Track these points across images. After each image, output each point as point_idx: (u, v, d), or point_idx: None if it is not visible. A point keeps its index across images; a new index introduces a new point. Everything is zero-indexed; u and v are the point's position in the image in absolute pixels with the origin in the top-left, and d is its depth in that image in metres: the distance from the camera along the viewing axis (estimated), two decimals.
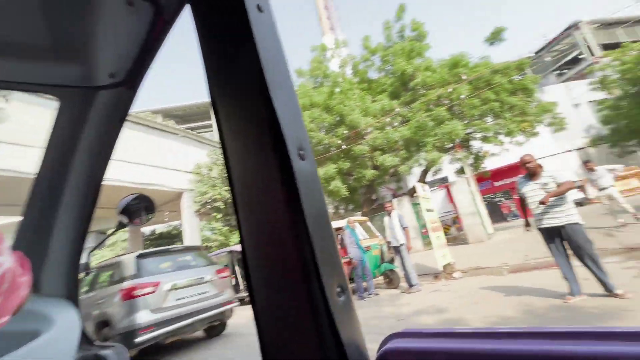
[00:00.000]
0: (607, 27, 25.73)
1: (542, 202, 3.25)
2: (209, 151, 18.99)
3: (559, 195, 3.27)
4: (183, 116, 33.13)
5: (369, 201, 14.22)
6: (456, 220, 18.12)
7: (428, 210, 7.00)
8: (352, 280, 7.12)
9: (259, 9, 0.47)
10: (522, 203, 3.66)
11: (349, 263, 6.23)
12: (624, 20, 24.07)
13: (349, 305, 0.40)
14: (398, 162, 10.94)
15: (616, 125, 18.54)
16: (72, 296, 1.05)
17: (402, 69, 11.60)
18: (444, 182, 17.44)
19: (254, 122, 0.43)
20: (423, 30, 12.40)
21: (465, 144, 12.09)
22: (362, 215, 12.61)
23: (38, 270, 0.97)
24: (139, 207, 1.15)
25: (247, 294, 0.47)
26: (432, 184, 16.88)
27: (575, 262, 3.34)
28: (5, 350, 0.74)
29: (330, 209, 21.85)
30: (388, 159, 10.65)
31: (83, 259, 1.08)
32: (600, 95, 20.12)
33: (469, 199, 10.38)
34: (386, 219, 6.21)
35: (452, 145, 11.84)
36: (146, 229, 26.55)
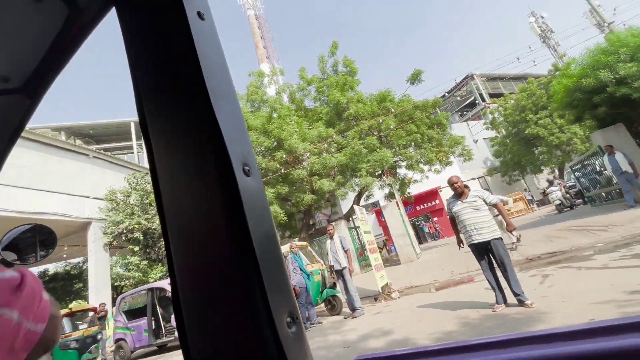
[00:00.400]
0: (492, 80, 32.12)
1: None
2: (127, 175, 16.75)
3: (503, 215, 3.83)
4: (94, 136, 29.03)
5: (306, 226, 14.14)
6: (386, 242, 19.28)
7: (366, 232, 7.23)
8: None
9: (200, 16, 0.44)
10: (453, 222, 4.01)
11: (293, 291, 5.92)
12: (503, 75, 30.35)
13: (300, 336, 0.36)
14: (335, 186, 11.26)
15: (504, 158, 22.77)
16: None
17: (336, 99, 12.33)
18: (374, 206, 18.57)
19: (193, 136, 0.39)
20: (354, 67, 13.54)
21: (393, 170, 13.17)
22: (300, 240, 12.43)
23: None
24: (33, 240, 0.94)
25: (171, 338, 0.34)
26: (364, 208, 17.82)
27: (499, 273, 3.75)
28: None
29: None
30: (326, 184, 10.88)
31: None
32: (492, 133, 24.65)
33: (400, 222, 11.14)
34: (328, 242, 6.18)
35: (381, 171, 12.78)
36: (35, 269, 21.49)
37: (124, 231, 15.04)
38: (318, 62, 13.94)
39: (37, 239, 0.96)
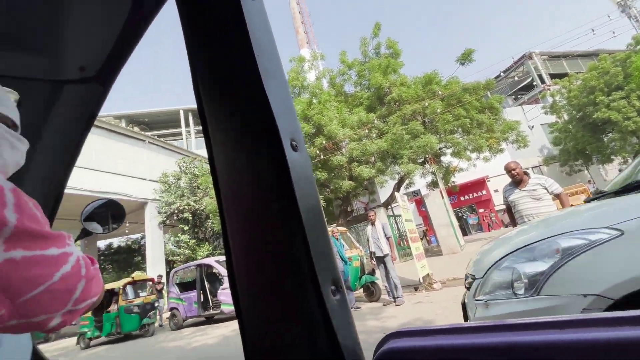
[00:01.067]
0: (554, 58, 28.72)
1: None
2: (178, 159, 18.00)
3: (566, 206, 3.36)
4: (149, 123, 31.44)
5: (344, 213, 14.15)
6: (426, 232, 18.65)
7: (407, 220, 7.02)
8: None
9: None
10: (510, 211, 3.71)
11: None
12: (568, 53, 27.00)
13: (344, 305, 0.38)
14: (374, 173, 11.04)
15: (565, 146, 20.47)
16: None
17: (378, 83, 11.91)
18: (415, 195, 17.97)
19: (245, 113, 0.42)
20: (397, 48, 12.91)
21: (437, 158, 12.54)
22: (338, 226, 12.50)
23: None
24: (107, 214, 1.05)
25: (217, 311, 0.39)
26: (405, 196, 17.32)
27: None
28: None
29: None
30: (365, 170, 10.71)
31: None
32: (551, 118, 22.21)
33: (443, 211, 10.66)
34: (369, 228, 6.10)
35: (424, 159, 12.24)
36: (101, 243, 24.34)
37: (175, 211, 16.30)
38: (360, 44, 13.52)
39: (109, 212, 1.07)
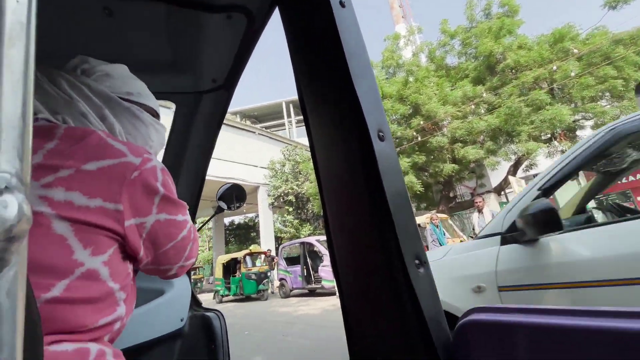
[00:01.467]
0: None
1: None
2: (282, 148, 19.96)
3: None
4: (258, 116, 35.55)
5: (446, 198, 13.10)
6: None
7: None
8: None
9: (342, 4, 0.50)
10: None
11: None
12: None
13: (428, 278, 0.41)
14: (483, 154, 9.77)
15: None
16: None
17: (488, 50, 10.29)
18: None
19: (338, 109, 0.47)
20: (514, 4, 10.78)
21: (570, 133, 10.15)
22: (438, 213, 11.68)
23: None
24: (232, 195, 1.28)
25: (318, 285, 0.77)
26: (523, 180, 14.72)
27: None
28: (140, 302, 0.96)
29: None
30: (471, 152, 9.59)
31: None
32: None
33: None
34: (475, 216, 5.53)
35: (551, 135, 10.08)
36: (227, 219, 29.39)
37: (281, 194, 18.25)
38: (465, 8, 11.86)
39: (234, 194, 1.29)
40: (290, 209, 18.35)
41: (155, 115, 0.65)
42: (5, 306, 0.16)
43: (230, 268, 11.41)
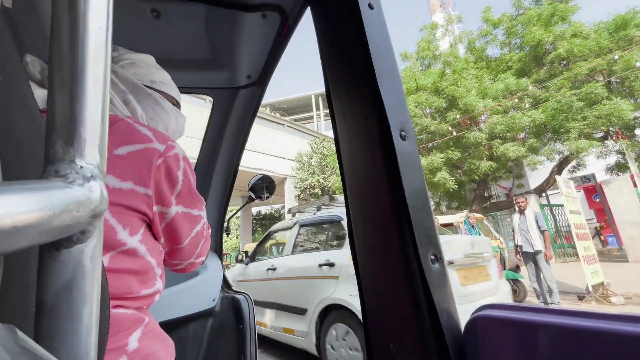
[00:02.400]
0: None
1: None
2: (310, 140, 19.96)
3: None
4: (287, 109, 35.78)
5: (480, 198, 12.42)
6: (600, 230, 14.22)
7: (574, 212, 5.52)
8: None
9: (370, 6, 0.51)
10: None
11: None
12: None
13: (442, 273, 0.43)
14: (524, 152, 9.08)
15: None
16: (218, 250, 1.30)
17: (536, 39, 9.47)
18: (585, 181, 13.77)
19: (363, 106, 0.48)
20: None
21: (629, 131, 9.15)
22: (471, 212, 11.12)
23: None
24: (262, 186, 1.36)
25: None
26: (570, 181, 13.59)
27: None
28: (178, 280, 1.05)
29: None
30: (512, 149, 8.94)
31: (225, 224, 1.38)
32: None
33: (634, 204, 7.83)
34: (515, 217, 5.13)
35: (606, 133, 9.15)
36: (255, 209, 30.13)
37: (308, 187, 18.31)
38: None
39: (264, 184, 1.36)
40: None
41: (177, 104, 0.67)
42: (89, 268, 0.20)
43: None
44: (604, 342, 0.29)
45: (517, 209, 5.13)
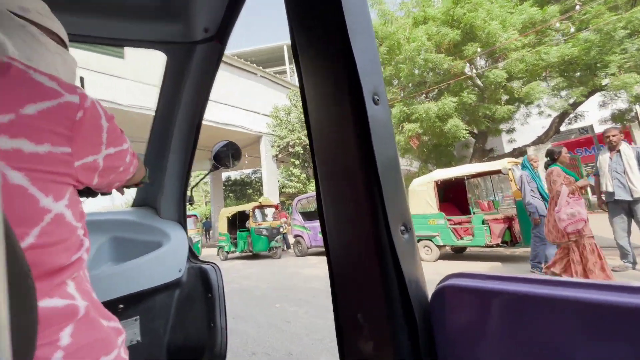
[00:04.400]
0: None
1: None
2: (288, 93, 17.64)
3: None
4: (256, 62, 32.17)
5: (480, 152, 11.49)
6: None
7: None
8: (513, 241, 5.16)
9: None
10: None
11: (529, 217, 4.23)
12: None
13: (412, 243, 0.42)
14: (551, 93, 7.95)
15: None
16: (181, 221, 1.27)
17: None
18: (582, 133, 13.42)
19: (333, 68, 0.45)
20: None
21: None
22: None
23: (158, 200, 1.23)
24: (228, 153, 1.25)
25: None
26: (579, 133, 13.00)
27: None
28: (140, 253, 1.08)
29: (410, 164, 19.25)
30: (538, 89, 7.74)
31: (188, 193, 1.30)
32: None
33: None
34: (604, 157, 3.90)
35: None
36: (225, 174, 27.72)
37: (287, 145, 16.42)
38: None
39: (230, 152, 1.25)
40: (297, 162, 16.66)
41: (62, 44, 0.54)
42: None
43: (237, 222, 9.96)
44: (562, 308, 0.30)
45: (607, 145, 3.88)
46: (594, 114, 10.91)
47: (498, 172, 5.26)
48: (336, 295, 0.47)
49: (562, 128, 11.46)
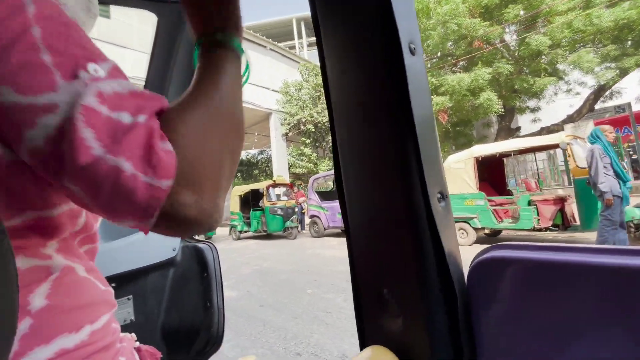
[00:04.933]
0: None
1: None
2: (299, 67, 16.72)
3: None
4: (265, 36, 30.95)
5: (505, 130, 10.76)
6: None
7: None
8: (565, 225, 4.61)
9: None
10: None
11: (598, 197, 3.66)
12: None
13: (448, 212, 0.40)
14: (598, 61, 7.15)
15: None
16: None
17: None
18: (618, 111, 12.53)
19: (361, 11, 0.40)
20: None
21: None
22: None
23: None
24: None
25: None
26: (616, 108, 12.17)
27: None
28: (133, 231, 1.00)
29: None
30: (586, 57, 6.95)
31: None
32: None
33: None
34: None
35: None
36: None
37: (298, 123, 15.73)
38: None
39: None
40: (308, 141, 15.99)
41: None
42: None
43: (250, 201, 9.52)
44: (625, 279, 0.28)
45: None
46: (633, 90, 10.08)
47: (554, 146, 4.65)
48: (355, 271, 0.44)
49: (596, 106, 10.66)
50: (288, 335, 2.36)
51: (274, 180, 9.05)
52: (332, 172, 8.41)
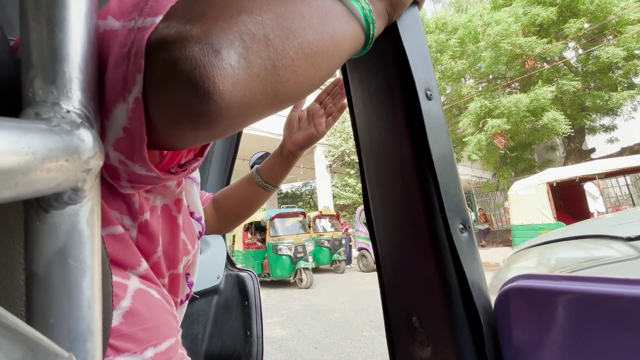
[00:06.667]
0: None
1: None
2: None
3: None
4: None
5: (576, 153, 9.58)
6: None
7: None
8: None
9: None
10: None
11: None
12: None
13: (472, 242, 0.41)
14: None
15: None
16: None
17: None
18: None
19: (382, 63, 0.44)
20: None
21: None
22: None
23: None
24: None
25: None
26: None
27: None
28: None
29: (478, 174, 17.11)
30: None
31: None
32: None
33: None
34: None
35: None
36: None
37: (341, 154, 15.83)
38: None
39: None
40: (352, 172, 15.93)
41: None
42: (86, 234, 0.17)
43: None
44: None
45: None
46: None
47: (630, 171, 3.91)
48: (386, 298, 0.46)
49: None
50: None
51: (321, 212, 8.93)
52: None
